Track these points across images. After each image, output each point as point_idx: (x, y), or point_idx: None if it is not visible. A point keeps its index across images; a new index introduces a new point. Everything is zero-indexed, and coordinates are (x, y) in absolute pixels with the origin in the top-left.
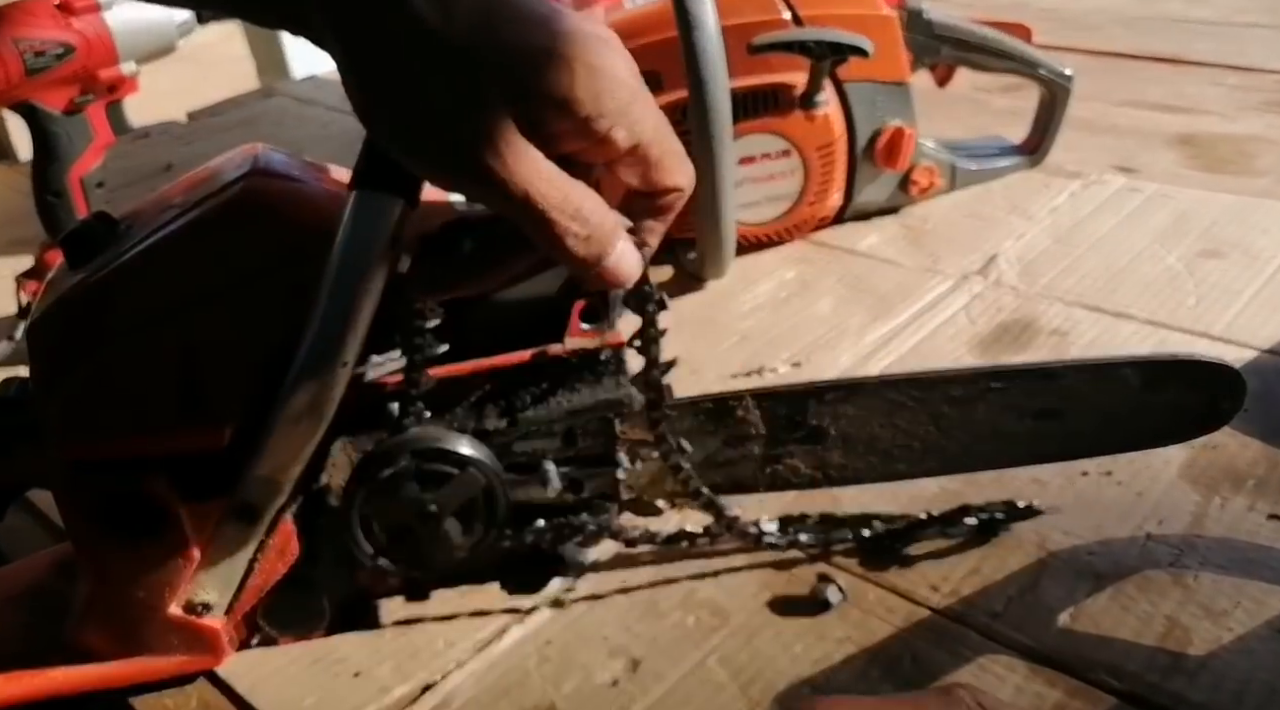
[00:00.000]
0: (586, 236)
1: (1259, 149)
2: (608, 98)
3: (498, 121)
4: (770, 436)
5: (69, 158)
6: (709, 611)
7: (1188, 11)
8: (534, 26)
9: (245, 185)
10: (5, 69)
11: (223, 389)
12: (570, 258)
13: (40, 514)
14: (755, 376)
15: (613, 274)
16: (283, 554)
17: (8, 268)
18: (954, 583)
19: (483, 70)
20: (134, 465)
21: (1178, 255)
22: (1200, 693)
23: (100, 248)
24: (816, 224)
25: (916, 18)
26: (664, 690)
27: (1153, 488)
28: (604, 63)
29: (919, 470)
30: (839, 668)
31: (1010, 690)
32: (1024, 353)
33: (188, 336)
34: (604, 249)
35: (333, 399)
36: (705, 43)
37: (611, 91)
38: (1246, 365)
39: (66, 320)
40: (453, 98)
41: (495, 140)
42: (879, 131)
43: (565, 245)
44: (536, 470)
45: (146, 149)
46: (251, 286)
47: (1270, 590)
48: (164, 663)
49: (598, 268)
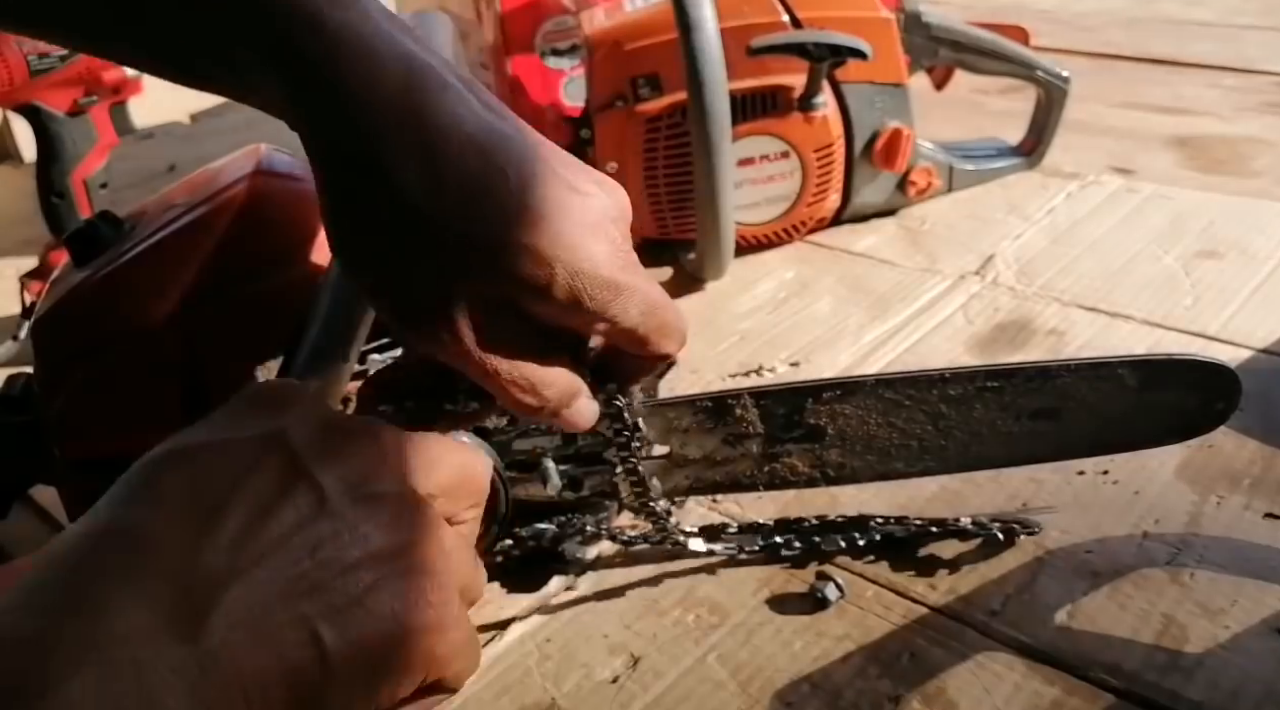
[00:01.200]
0: (539, 407)
1: (1256, 150)
2: (587, 299)
3: (468, 301)
4: (768, 435)
5: (73, 159)
6: (708, 609)
7: (1185, 13)
8: (521, 222)
9: (248, 185)
10: (9, 70)
11: (225, 387)
12: (522, 412)
13: (44, 512)
14: (754, 376)
15: (563, 423)
16: None
17: (12, 268)
18: (952, 581)
19: (456, 262)
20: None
21: (1175, 256)
22: (1197, 690)
23: (104, 247)
24: (815, 225)
25: (915, 20)
26: (664, 687)
27: (1150, 487)
28: (589, 266)
29: (916, 469)
30: (837, 665)
31: (1008, 687)
32: (1021, 352)
33: (190, 335)
34: (556, 412)
35: (334, 396)
36: (704, 45)
37: (594, 294)
38: (1243, 365)
39: (70, 319)
40: (418, 276)
41: (462, 317)
42: (877, 133)
43: (517, 404)
44: (537, 468)
45: (150, 150)
46: (254, 284)
47: (1267, 588)
48: None
49: (550, 421)
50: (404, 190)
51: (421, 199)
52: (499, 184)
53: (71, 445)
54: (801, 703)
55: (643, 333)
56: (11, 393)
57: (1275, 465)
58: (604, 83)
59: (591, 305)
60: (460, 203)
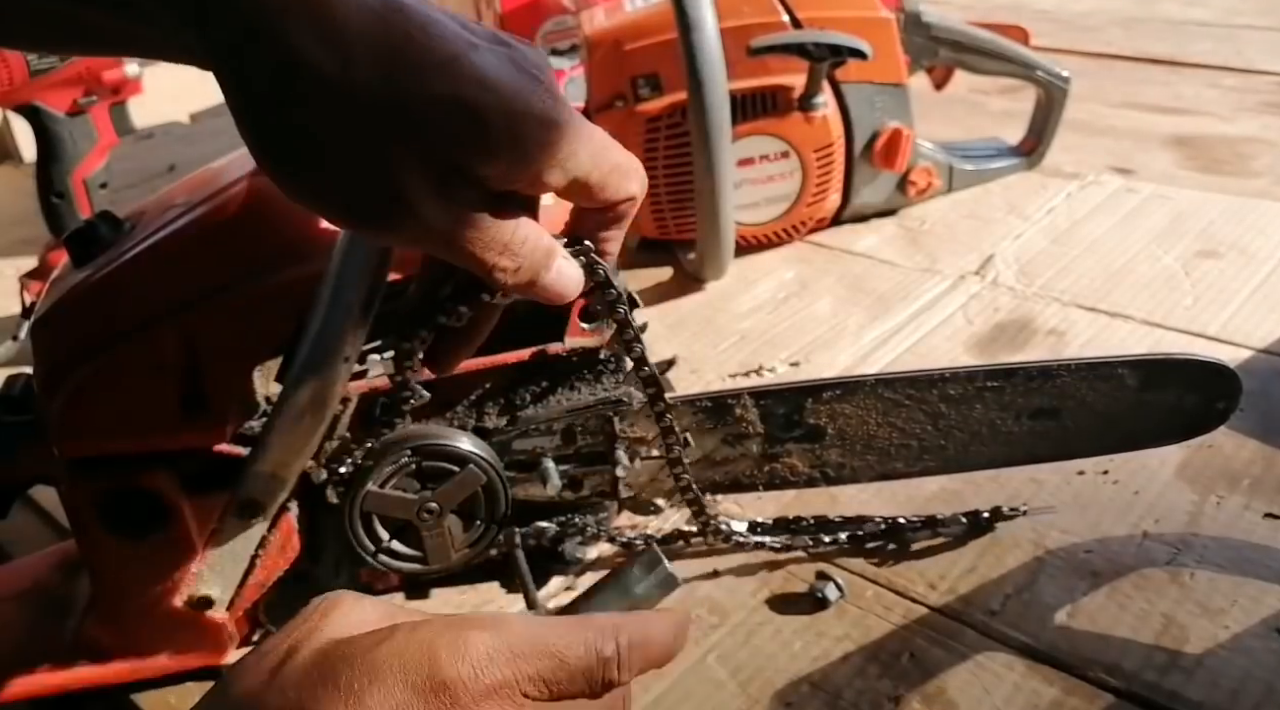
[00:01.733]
0: (516, 268)
1: (1255, 150)
2: (530, 143)
3: (407, 180)
4: (768, 435)
5: (73, 159)
6: (708, 609)
7: (1184, 13)
8: (442, 73)
9: (247, 185)
10: (9, 70)
11: (225, 387)
12: (502, 286)
13: (44, 511)
14: (754, 376)
15: (550, 292)
16: (284, 550)
17: (12, 268)
18: (952, 580)
19: (388, 129)
20: (137, 462)
21: (1174, 255)
22: (1197, 690)
23: (104, 247)
24: (815, 225)
25: (914, 20)
26: (664, 687)
27: (1149, 487)
28: (520, 106)
29: (916, 469)
30: (837, 665)
31: (1008, 687)
32: (1021, 352)
33: (190, 335)
34: (536, 274)
35: (334, 395)
36: (704, 45)
37: (534, 136)
38: (1242, 365)
39: (70, 319)
40: (357, 158)
41: (406, 197)
42: (877, 133)
43: (495, 277)
44: (536, 468)
45: (150, 150)
46: (254, 284)
47: (1266, 588)
48: (167, 658)
49: (534, 289)
50: (316, 70)
51: (337, 73)
52: (407, 45)
53: (71, 445)
54: (801, 703)
55: (598, 177)
56: (11, 393)
57: (1275, 465)
58: (604, 83)
59: (536, 151)
60: (374, 68)
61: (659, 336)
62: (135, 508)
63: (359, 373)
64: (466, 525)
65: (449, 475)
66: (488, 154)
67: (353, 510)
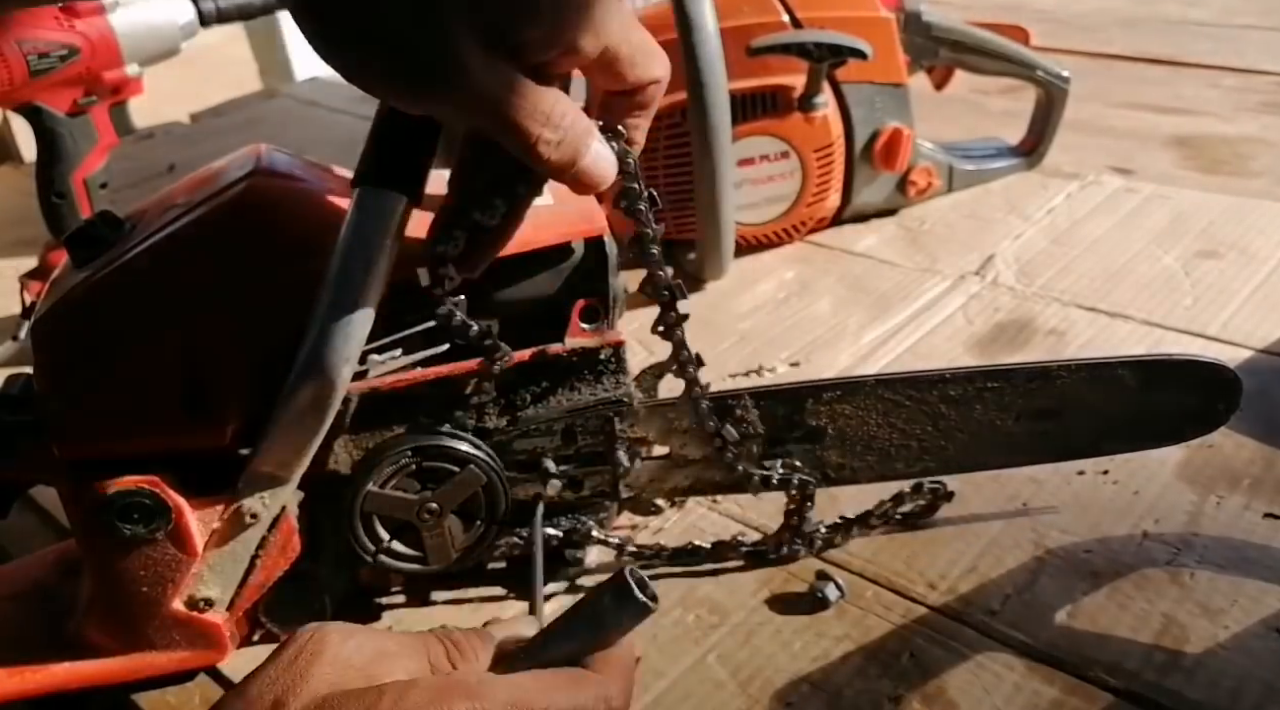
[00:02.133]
0: (559, 141)
1: (1255, 150)
2: (567, 5)
3: (458, 37)
4: (768, 435)
5: (73, 159)
6: (708, 609)
7: (1185, 13)
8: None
9: (248, 185)
10: (9, 70)
11: (225, 387)
12: (545, 163)
13: (43, 511)
14: (754, 376)
15: (589, 176)
16: (284, 550)
17: (12, 268)
18: (952, 580)
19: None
20: (137, 462)
21: (1174, 256)
22: (1197, 690)
23: (104, 247)
24: (815, 225)
25: (914, 20)
26: (664, 687)
27: (1149, 487)
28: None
29: (916, 470)
30: (837, 665)
31: (1008, 687)
32: (1021, 353)
33: (190, 335)
34: (577, 151)
35: (336, 396)
36: (704, 45)
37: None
38: (1242, 365)
39: (70, 319)
40: (408, 15)
41: (457, 56)
42: (877, 133)
43: (538, 151)
44: (536, 468)
45: (150, 150)
46: (254, 285)
47: (1267, 588)
48: (166, 659)
49: (573, 171)
50: None
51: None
52: None
53: (71, 445)
54: (801, 703)
55: (627, 50)
56: (11, 393)
57: (1275, 465)
58: None
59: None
60: None
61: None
62: (135, 508)
63: (359, 373)
64: (467, 526)
65: (449, 476)
66: (531, 16)
67: (353, 510)
